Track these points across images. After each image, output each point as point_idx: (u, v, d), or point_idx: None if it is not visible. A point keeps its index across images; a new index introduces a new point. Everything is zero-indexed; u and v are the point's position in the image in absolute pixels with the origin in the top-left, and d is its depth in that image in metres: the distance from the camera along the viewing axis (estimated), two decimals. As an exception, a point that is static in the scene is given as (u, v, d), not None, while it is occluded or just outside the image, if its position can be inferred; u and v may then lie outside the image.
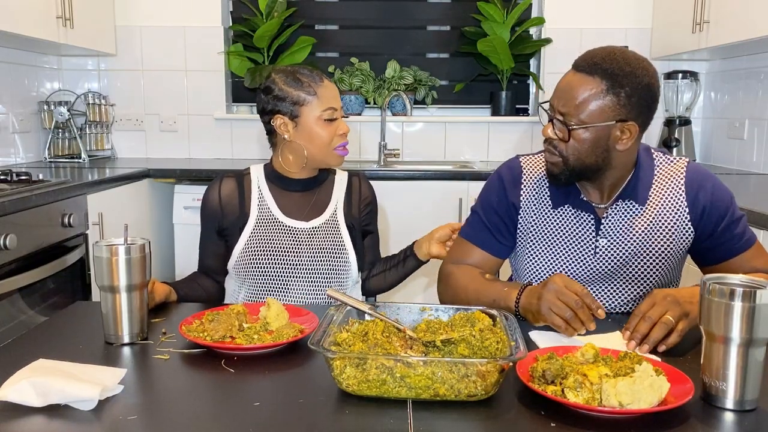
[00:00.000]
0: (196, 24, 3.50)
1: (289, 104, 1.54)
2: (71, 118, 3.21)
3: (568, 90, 1.27)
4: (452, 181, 2.97)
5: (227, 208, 1.60)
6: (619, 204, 1.37)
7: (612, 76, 1.24)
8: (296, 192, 1.62)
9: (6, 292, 1.96)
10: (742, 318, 0.89)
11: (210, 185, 1.64)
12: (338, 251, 1.59)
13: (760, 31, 2.44)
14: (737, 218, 1.37)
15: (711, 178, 1.38)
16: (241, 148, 3.60)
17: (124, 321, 1.14)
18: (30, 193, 2.07)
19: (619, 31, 3.43)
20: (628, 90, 1.24)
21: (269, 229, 1.57)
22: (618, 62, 1.25)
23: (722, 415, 0.90)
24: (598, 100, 1.25)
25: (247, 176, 1.64)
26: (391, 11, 3.59)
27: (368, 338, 1.00)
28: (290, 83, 1.54)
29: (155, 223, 3.09)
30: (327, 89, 1.56)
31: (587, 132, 1.26)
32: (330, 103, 1.55)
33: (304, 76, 1.55)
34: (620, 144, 1.28)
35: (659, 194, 1.37)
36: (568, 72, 1.30)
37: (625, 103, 1.25)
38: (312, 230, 1.59)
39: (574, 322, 1.12)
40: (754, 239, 1.38)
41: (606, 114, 1.25)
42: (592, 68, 1.26)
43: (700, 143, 3.46)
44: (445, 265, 1.48)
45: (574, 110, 1.26)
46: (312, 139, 1.55)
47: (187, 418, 0.89)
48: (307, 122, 1.54)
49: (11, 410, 0.88)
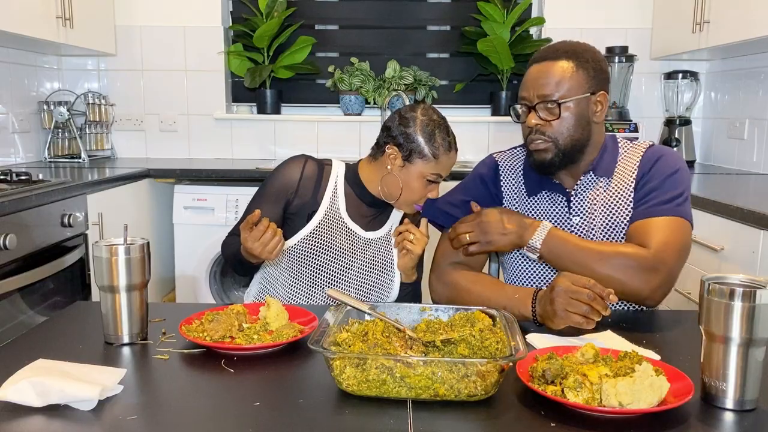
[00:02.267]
0: (196, 24, 3.50)
1: (410, 148, 1.58)
2: (71, 118, 3.21)
3: (543, 77, 1.38)
4: (452, 181, 2.95)
5: (303, 190, 1.62)
6: (584, 179, 1.44)
7: (575, 55, 1.38)
8: (364, 201, 1.66)
9: (6, 292, 1.96)
10: (742, 318, 0.89)
11: (292, 160, 1.66)
12: (387, 267, 1.65)
13: (760, 31, 2.44)
14: (665, 189, 1.36)
15: (664, 152, 1.43)
16: (241, 148, 3.60)
17: (123, 321, 1.14)
18: (30, 193, 2.07)
19: (619, 31, 3.43)
20: (592, 63, 1.39)
21: (334, 225, 1.61)
22: (574, 45, 1.41)
23: (722, 415, 0.90)
24: (571, 77, 1.37)
25: (328, 167, 1.68)
26: (391, 11, 3.59)
27: (368, 338, 1.00)
28: (426, 133, 1.58)
29: (155, 223, 3.09)
30: (449, 159, 1.61)
31: (570, 107, 1.37)
32: (442, 170, 1.61)
33: (441, 138, 1.58)
34: (596, 116, 1.40)
35: (621, 173, 1.44)
36: (532, 67, 1.41)
37: (593, 76, 1.38)
38: (369, 241, 1.64)
39: (591, 314, 1.15)
40: (670, 213, 1.33)
41: (581, 88, 1.37)
42: (557, 54, 1.39)
43: (700, 143, 3.46)
44: (441, 261, 1.48)
45: (555, 90, 1.37)
46: (406, 186, 1.60)
47: (187, 418, 0.89)
48: (412, 171, 1.59)
49: (11, 410, 0.88)
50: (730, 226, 1.99)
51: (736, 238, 1.96)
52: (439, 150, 1.57)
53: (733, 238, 1.99)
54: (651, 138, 3.42)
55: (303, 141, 3.56)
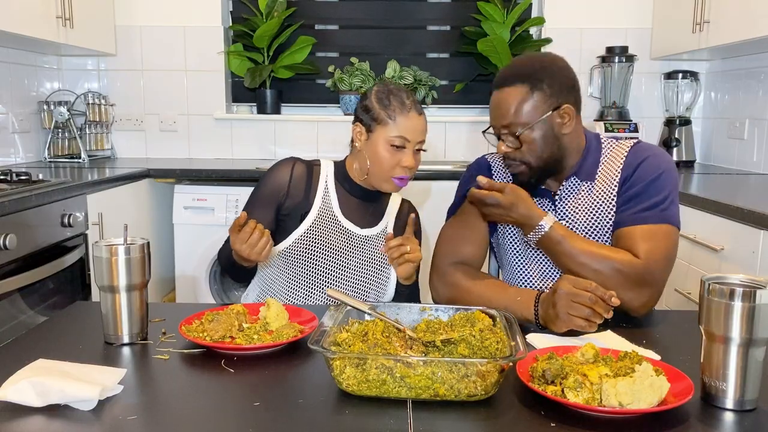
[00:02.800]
0: (196, 24, 3.50)
1: (369, 118, 1.59)
2: (71, 118, 3.21)
3: (501, 106, 1.39)
4: (452, 181, 2.95)
5: (294, 191, 1.63)
6: (567, 184, 1.44)
7: (528, 77, 1.37)
8: (357, 198, 1.66)
9: (6, 292, 1.96)
10: (742, 318, 0.89)
11: (282, 162, 1.67)
12: (383, 265, 1.64)
13: (760, 31, 2.44)
14: (649, 194, 1.36)
15: (648, 153, 1.41)
16: (241, 148, 3.60)
17: (123, 321, 1.14)
18: (30, 193, 2.07)
19: (619, 31, 3.43)
20: (547, 80, 1.37)
21: (328, 225, 1.61)
22: (527, 63, 1.40)
23: (722, 415, 0.90)
24: (528, 101, 1.37)
25: (317, 167, 1.68)
26: (391, 11, 3.59)
27: (368, 338, 1.00)
28: (381, 99, 1.58)
29: (155, 223, 3.09)
30: (410, 120, 1.57)
31: (533, 131, 1.37)
32: (404, 132, 1.56)
33: (396, 99, 1.57)
34: (564, 128, 1.39)
35: (604, 173, 1.44)
36: (492, 94, 1.42)
37: (552, 93, 1.37)
38: (364, 238, 1.64)
39: (594, 317, 1.15)
40: (655, 221, 1.34)
41: (541, 109, 1.37)
42: (510, 79, 1.38)
43: (700, 143, 3.46)
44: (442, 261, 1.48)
45: (514, 119, 1.37)
46: (374, 159, 1.58)
47: (187, 418, 0.89)
48: (376, 141, 1.58)
49: (11, 410, 0.88)
50: (730, 226, 1.99)
51: (736, 238, 1.96)
52: (394, 112, 1.56)
53: (733, 238, 1.99)
54: (651, 138, 3.42)
55: (303, 141, 3.56)
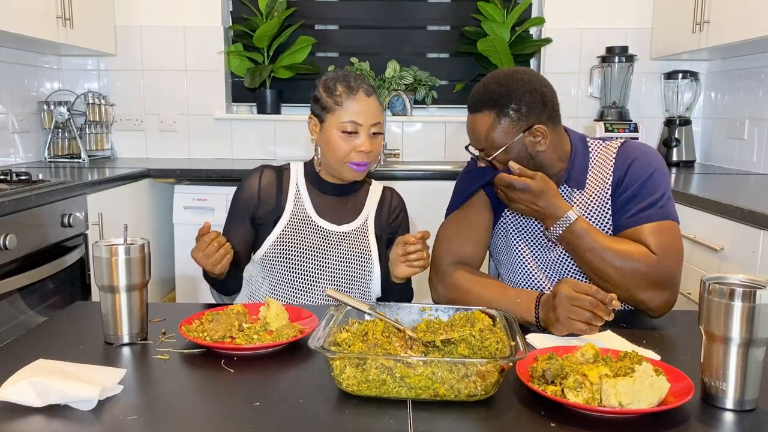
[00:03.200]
0: (196, 24, 3.50)
1: (319, 108, 1.58)
2: (71, 118, 3.21)
3: (473, 132, 1.42)
4: (452, 181, 2.94)
5: (264, 198, 1.62)
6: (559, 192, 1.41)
7: (494, 103, 1.36)
8: (331, 195, 1.64)
9: (6, 292, 1.96)
10: (742, 318, 0.89)
11: (250, 174, 1.66)
12: (365, 259, 1.61)
13: (760, 31, 2.44)
14: (645, 194, 1.36)
15: (638, 153, 1.40)
16: (241, 148, 3.60)
17: (123, 321, 1.14)
18: (30, 193, 2.07)
19: (619, 31, 3.44)
20: (514, 105, 1.35)
21: (302, 226, 1.59)
22: (493, 89, 1.37)
23: (722, 415, 0.90)
24: (496, 127, 1.37)
25: (287, 171, 1.67)
26: (391, 11, 3.59)
27: (368, 338, 1.00)
28: (328, 87, 1.57)
29: (155, 223, 3.09)
30: (358, 103, 1.54)
31: (507, 153, 1.37)
32: (354, 117, 1.54)
33: (342, 85, 1.56)
34: (539, 145, 1.38)
35: (595, 177, 1.43)
36: (467, 116, 1.43)
37: (519, 116, 1.36)
38: (342, 234, 1.61)
39: (594, 320, 1.14)
40: (657, 218, 1.34)
41: (510, 133, 1.36)
42: (478, 106, 1.39)
43: (700, 143, 3.46)
44: (442, 261, 1.47)
45: (485, 144, 1.39)
46: (328, 148, 1.57)
47: (187, 418, 0.89)
48: (328, 129, 1.56)
49: (11, 410, 0.88)
50: (730, 226, 1.99)
51: (736, 238, 1.96)
52: (341, 97, 1.54)
53: (733, 238, 1.99)
54: (651, 138, 3.43)
55: (303, 141, 3.56)
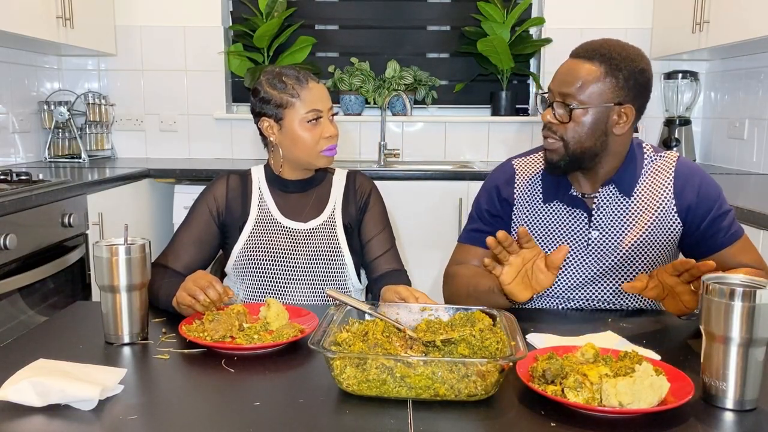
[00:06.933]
0: (196, 24, 3.50)
1: (273, 107, 1.54)
2: (71, 118, 3.21)
3: (569, 74, 1.32)
4: (452, 181, 2.96)
5: (232, 204, 1.60)
6: (606, 192, 1.40)
7: (610, 60, 1.30)
8: (294, 193, 1.62)
9: (6, 292, 1.96)
10: (742, 318, 0.89)
11: (216, 180, 1.64)
12: (334, 253, 1.57)
13: (760, 31, 2.44)
14: (723, 212, 1.39)
15: (699, 173, 1.41)
16: (241, 148, 3.59)
17: (124, 321, 1.14)
18: (30, 193, 2.07)
19: (619, 31, 3.42)
20: (626, 73, 1.30)
21: (268, 229, 1.57)
22: (615, 48, 1.32)
23: (722, 415, 0.90)
24: (597, 82, 1.30)
25: (250, 176, 1.65)
26: (391, 11, 3.59)
27: (368, 338, 1.00)
28: (274, 85, 1.54)
29: (155, 223, 3.09)
30: (312, 91, 1.53)
31: (587, 114, 1.31)
32: (313, 105, 1.52)
33: (289, 78, 1.53)
34: (617, 127, 1.33)
35: (647, 187, 1.40)
36: (566, 60, 1.36)
37: (623, 86, 1.30)
38: (310, 231, 1.58)
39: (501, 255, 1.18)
40: (741, 233, 1.39)
41: (605, 96, 1.30)
42: (591, 54, 1.31)
43: (700, 143, 3.46)
44: (449, 268, 1.51)
45: (574, 92, 1.30)
46: (296, 143, 1.54)
47: (187, 418, 0.89)
48: (290, 125, 1.53)
49: (11, 410, 0.88)
50: (730, 226, 1.99)
51: (736, 238, 1.96)
52: (294, 89, 1.52)
53: (733, 238, 1.98)
54: (651, 138, 3.43)
55: (303, 141, 3.56)
